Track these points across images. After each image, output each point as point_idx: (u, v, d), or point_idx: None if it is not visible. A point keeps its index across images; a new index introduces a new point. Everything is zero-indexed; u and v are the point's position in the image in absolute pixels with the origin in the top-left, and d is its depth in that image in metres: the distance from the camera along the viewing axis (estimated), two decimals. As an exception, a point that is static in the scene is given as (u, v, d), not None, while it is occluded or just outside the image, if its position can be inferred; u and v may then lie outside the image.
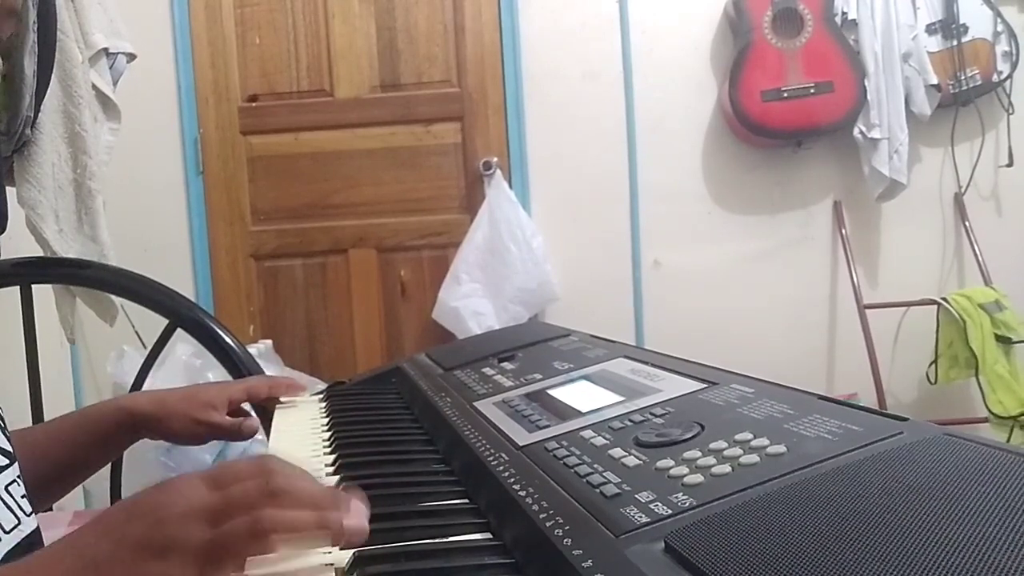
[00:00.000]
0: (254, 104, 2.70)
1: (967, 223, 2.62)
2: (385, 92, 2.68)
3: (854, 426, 0.51)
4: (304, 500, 0.46)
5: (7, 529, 0.67)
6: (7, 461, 0.71)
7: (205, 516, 0.44)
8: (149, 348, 1.27)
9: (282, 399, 0.96)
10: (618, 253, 2.67)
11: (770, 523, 0.41)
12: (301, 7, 2.67)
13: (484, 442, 0.66)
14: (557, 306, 2.60)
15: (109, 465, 1.09)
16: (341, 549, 0.50)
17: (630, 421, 0.62)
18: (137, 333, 2.10)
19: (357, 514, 0.47)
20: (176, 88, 2.64)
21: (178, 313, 1.25)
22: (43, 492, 0.88)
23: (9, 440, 0.74)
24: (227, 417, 0.92)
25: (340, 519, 0.46)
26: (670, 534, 0.42)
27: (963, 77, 2.51)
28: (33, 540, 0.70)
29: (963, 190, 2.63)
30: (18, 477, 0.72)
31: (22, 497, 0.71)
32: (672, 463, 0.51)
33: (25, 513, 0.70)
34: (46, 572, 0.44)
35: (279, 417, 0.90)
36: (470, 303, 2.51)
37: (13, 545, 0.66)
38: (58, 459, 0.87)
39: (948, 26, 2.51)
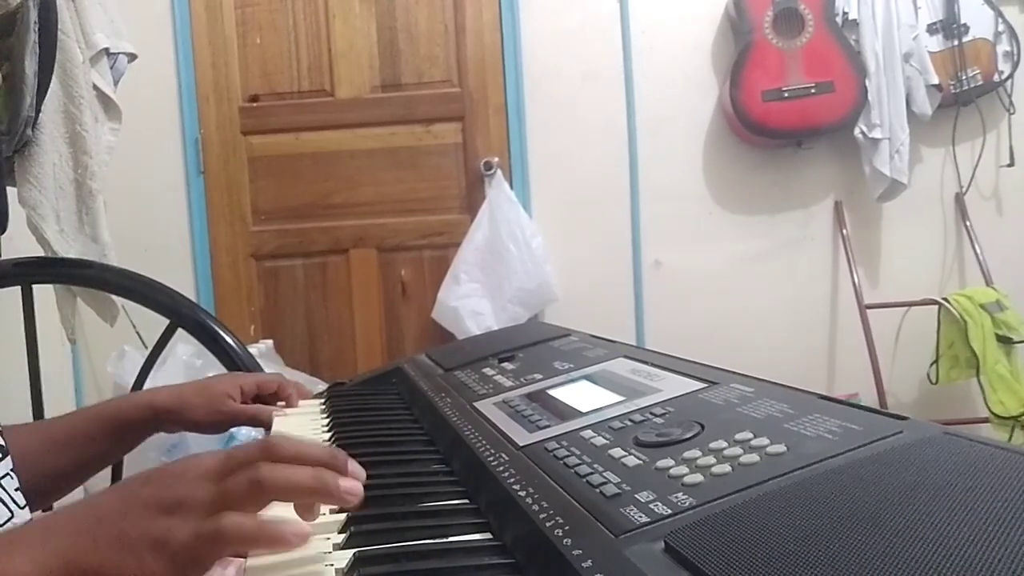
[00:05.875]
0: (255, 104, 2.70)
1: (968, 223, 2.62)
2: (386, 92, 2.68)
3: (854, 425, 0.51)
4: (303, 457, 0.49)
5: (0, 522, 0.67)
6: (0, 455, 0.72)
7: (212, 476, 0.48)
8: (150, 348, 1.27)
9: (279, 404, 0.96)
10: (618, 253, 2.67)
11: (770, 523, 0.41)
12: (302, 7, 2.67)
13: (484, 442, 0.66)
14: (557, 306, 2.60)
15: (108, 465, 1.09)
16: (338, 511, 0.54)
17: (630, 421, 0.62)
18: (138, 333, 2.10)
19: (353, 475, 0.50)
20: (177, 88, 2.64)
21: (179, 313, 1.25)
22: (58, 485, 0.89)
23: (1, 434, 0.74)
24: (247, 404, 0.94)
25: (336, 479, 0.49)
26: (670, 534, 0.42)
27: (964, 77, 2.51)
28: None
29: (964, 190, 2.63)
30: (11, 471, 0.72)
31: (15, 490, 0.71)
32: (672, 463, 0.51)
33: (19, 506, 0.71)
34: (61, 525, 0.47)
35: (279, 419, 0.90)
36: (469, 303, 2.51)
37: None
38: (77, 454, 0.89)
39: (949, 26, 2.51)
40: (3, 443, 0.74)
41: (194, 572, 0.45)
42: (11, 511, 0.69)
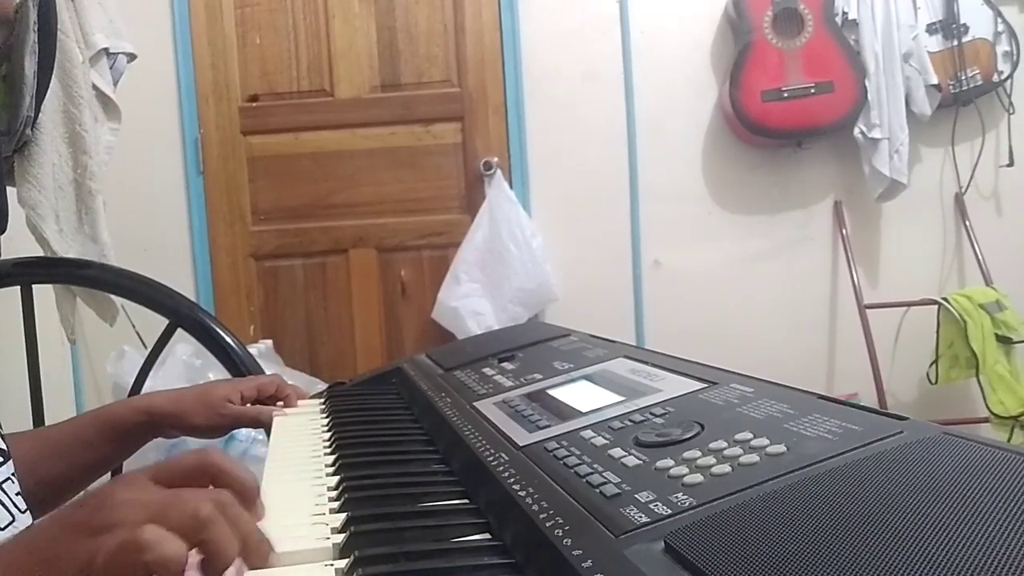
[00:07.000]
0: (254, 104, 2.70)
1: (967, 223, 2.62)
2: (385, 92, 2.68)
3: (854, 426, 0.51)
4: (229, 480, 0.49)
5: (2, 526, 0.67)
6: (1, 459, 0.72)
7: (146, 505, 0.46)
8: (149, 348, 1.27)
9: (279, 404, 0.97)
10: (618, 253, 2.67)
11: (770, 523, 0.41)
12: (301, 7, 2.67)
13: (484, 442, 0.66)
14: (557, 306, 2.60)
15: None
16: (338, 511, 0.56)
17: (630, 421, 0.62)
18: (137, 333, 2.10)
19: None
20: (176, 88, 2.64)
21: (178, 313, 1.25)
22: (59, 491, 0.89)
23: (3, 438, 0.74)
24: (247, 405, 0.95)
25: (267, 555, 0.48)
26: (670, 534, 0.42)
27: (963, 77, 2.51)
28: None
29: (963, 190, 2.63)
30: (12, 475, 0.72)
31: (16, 494, 0.72)
32: (672, 463, 0.51)
33: (20, 510, 0.71)
34: (1, 556, 0.46)
35: (279, 418, 0.91)
36: (469, 303, 2.51)
37: None
38: (77, 459, 0.89)
39: (948, 26, 2.51)
40: (4, 447, 0.74)
41: None
42: (12, 515, 0.69)
